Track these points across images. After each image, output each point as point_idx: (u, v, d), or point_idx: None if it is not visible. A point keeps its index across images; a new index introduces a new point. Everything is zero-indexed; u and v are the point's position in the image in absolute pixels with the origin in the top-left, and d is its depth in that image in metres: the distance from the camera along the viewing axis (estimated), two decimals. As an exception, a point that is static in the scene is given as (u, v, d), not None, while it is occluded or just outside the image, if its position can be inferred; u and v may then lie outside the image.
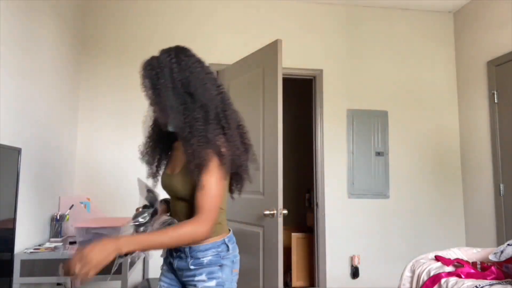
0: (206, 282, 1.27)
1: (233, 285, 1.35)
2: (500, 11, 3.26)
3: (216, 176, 1.22)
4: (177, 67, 1.27)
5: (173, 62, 1.28)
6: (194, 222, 1.19)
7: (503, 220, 3.16)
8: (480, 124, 3.45)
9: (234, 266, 1.36)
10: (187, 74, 1.28)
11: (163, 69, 1.26)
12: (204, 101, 1.26)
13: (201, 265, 1.29)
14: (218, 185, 1.22)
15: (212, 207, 1.21)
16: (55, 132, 2.67)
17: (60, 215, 2.53)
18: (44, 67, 2.47)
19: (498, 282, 1.80)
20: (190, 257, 1.31)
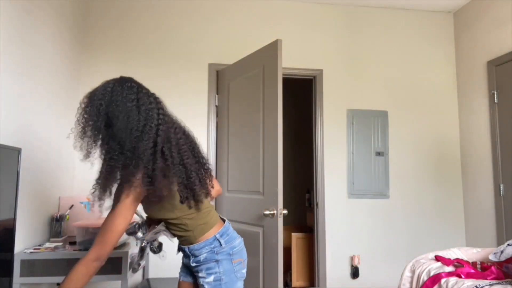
0: (206, 278, 1.40)
1: (238, 275, 1.44)
2: (500, 11, 3.26)
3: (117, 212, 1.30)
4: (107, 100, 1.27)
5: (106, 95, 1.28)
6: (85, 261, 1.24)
7: (503, 220, 3.16)
8: (480, 124, 3.45)
9: (233, 257, 1.44)
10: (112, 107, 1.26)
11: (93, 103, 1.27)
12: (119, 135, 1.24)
13: (199, 262, 1.42)
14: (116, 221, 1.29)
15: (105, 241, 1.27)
16: (55, 132, 2.67)
17: (60, 215, 2.53)
18: (44, 67, 2.47)
19: (498, 282, 1.80)
20: (191, 255, 1.44)
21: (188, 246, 1.45)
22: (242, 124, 2.93)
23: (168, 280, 3.03)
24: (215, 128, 3.35)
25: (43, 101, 2.46)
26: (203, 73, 3.40)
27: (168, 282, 2.99)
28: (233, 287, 1.42)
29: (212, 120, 3.36)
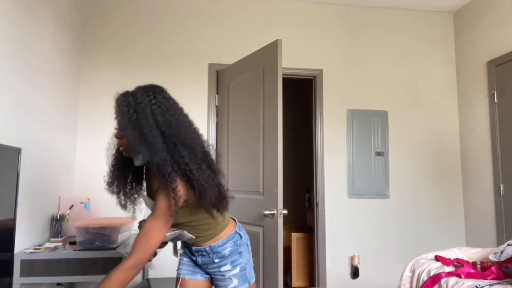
0: (232, 270, 1.49)
1: (252, 263, 1.59)
2: (500, 11, 3.26)
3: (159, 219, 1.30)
4: (157, 108, 1.31)
5: (153, 103, 1.32)
6: (125, 268, 1.24)
7: (503, 220, 3.16)
8: (480, 124, 3.45)
9: (248, 247, 1.60)
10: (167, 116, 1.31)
11: (144, 109, 1.29)
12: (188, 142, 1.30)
13: (224, 257, 1.49)
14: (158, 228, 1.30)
15: (145, 249, 1.28)
16: (55, 132, 2.67)
17: (60, 215, 2.53)
18: (44, 67, 2.47)
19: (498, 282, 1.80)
20: (212, 253, 1.50)
21: (208, 245, 1.49)
22: (242, 124, 2.93)
23: (168, 280, 3.03)
24: (215, 128, 3.35)
25: (43, 101, 2.46)
26: (203, 73, 3.40)
27: (168, 282, 2.99)
28: (252, 273, 1.57)
29: (212, 120, 3.36)
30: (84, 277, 2.10)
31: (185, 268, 1.61)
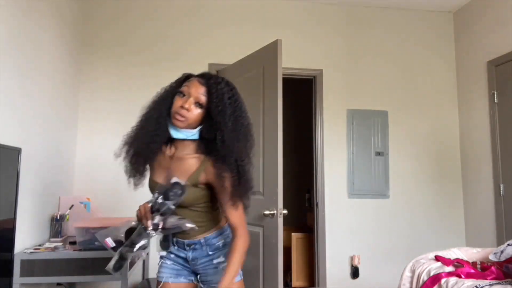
0: (225, 262, 1.43)
1: None
2: (500, 11, 3.26)
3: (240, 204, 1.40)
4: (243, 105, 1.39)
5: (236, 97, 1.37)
6: (242, 239, 1.38)
7: (503, 220, 3.15)
8: (480, 124, 3.45)
9: None
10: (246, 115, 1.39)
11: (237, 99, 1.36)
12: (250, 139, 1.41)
13: (218, 249, 1.47)
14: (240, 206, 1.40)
15: (245, 223, 1.42)
16: (55, 132, 2.67)
17: (60, 215, 2.53)
18: (44, 67, 2.47)
19: (498, 282, 1.80)
20: (207, 245, 1.46)
21: (204, 236, 1.45)
22: (242, 124, 2.92)
23: (168, 280, 3.03)
24: (215, 128, 3.35)
25: (43, 101, 2.46)
26: (203, 73, 3.40)
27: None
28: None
29: (212, 120, 3.35)
30: (84, 277, 2.10)
31: (167, 271, 1.52)
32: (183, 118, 1.32)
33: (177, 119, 1.33)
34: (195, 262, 1.49)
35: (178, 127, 1.35)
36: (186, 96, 1.34)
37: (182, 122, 1.33)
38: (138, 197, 3.45)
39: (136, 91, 3.30)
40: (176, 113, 1.33)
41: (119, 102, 3.28)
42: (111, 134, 3.24)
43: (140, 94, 3.32)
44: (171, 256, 1.53)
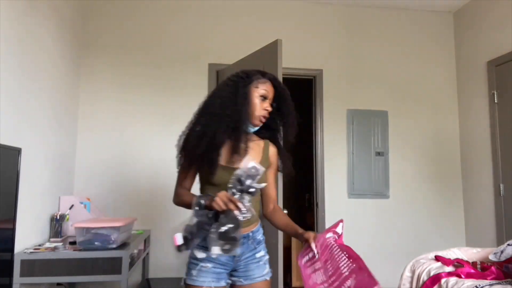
0: (265, 255, 1.53)
1: None
2: (500, 11, 3.26)
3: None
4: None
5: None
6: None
7: (503, 220, 3.15)
8: (480, 124, 3.45)
9: None
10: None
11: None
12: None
13: (260, 243, 1.52)
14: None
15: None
16: (55, 132, 2.67)
17: (60, 215, 2.53)
18: (44, 66, 2.47)
19: (498, 282, 1.80)
20: (252, 239, 1.49)
21: (251, 230, 1.49)
22: (242, 124, 2.92)
23: (168, 280, 3.03)
24: (215, 128, 3.35)
25: (43, 101, 2.46)
26: (203, 73, 3.40)
27: (168, 282, 2.99)
28: None
29: (212, 120, 3.35)
30: (84, 277, 2.10)
31: (209, 275, 1.41)
32: (264, 119, 1.48)
33: (262, 121, 1.48)
34: (239, 258, 1.46)
35: (256, 126, 1.49)
36: (267, 99, 1.48)
37: (263, 122, 1.49)
38: (138, 197, 3.45)
39: (136, 90, 3.30)
40: (262, 116, 1.47)
41: (119, 102, 3.28)
42: (111, 134, 3.25)
43: (140, 94, 3.32)
44: (213, 257, 1.38)
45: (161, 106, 3.32)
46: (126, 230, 2.39)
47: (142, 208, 3.18)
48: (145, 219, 3.15)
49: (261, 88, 1.47)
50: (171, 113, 3.32)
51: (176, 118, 3.31)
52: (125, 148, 3.23)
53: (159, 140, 3.28)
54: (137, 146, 3.26)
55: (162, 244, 3.19)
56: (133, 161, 3.24)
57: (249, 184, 1.23)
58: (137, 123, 3.28)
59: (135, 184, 3.21)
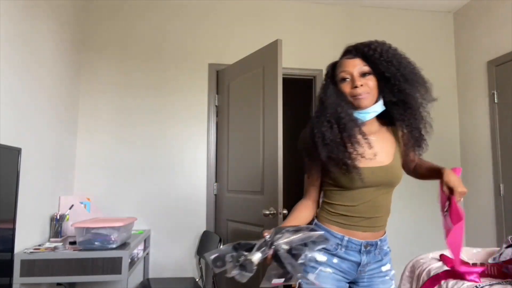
0: (391, 270, 1.34)
1: None
2: (500, 11, 3.26)
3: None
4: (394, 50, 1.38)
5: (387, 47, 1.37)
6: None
7: (503, 220, 3.15)
8: (480, 124, 3.45)
9: None
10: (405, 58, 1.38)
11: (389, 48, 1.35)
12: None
13: (386, 254, 1.34)
14: None
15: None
16: (55, 132, 2.67)
17: (60, 215, 2.53)
18: (44, 66, 2.47)
19: (498, 282, 1.80)
20: (379, 249, 1.31)
21: (381, 236, 1.30)
22: (242, 124, 2.93)
23: (168, 280, 3.03)
24: (215, 128, 3.35)
25: (43, 101, 2.46)
26: (203, 73, 3.40)
27: (168, 282, 2.99)
28: None
29: (212, 120, 3.36)
30: (84, 277, 2.10)
31: (328, 281, 1.24)
32: (363, 95, 1.25)
33: (359, 98, 1.25)
34: (363, 269, 1.28)
35: (365, 107, 1.26)
36: (349, 78, 1.28)
37: (365, 98, 1.25)
38: (138, 197, 3.45)
39: (136, 91, 3.30)
40: (353, 96, 1.26)
41: (119, 102, 3.28)
42: (111, 134, 3.25)
43: (140, 94, 3.32)
44: (333, 261, 1.26)
45: (161, 105, 3.32)
46: (126, 230, 2.39)
47: (142, 208, 3.18)
48: (145, 219, 3.15)
49: (338, 72, 1.32)
50: (171, 112, 3.32)
51: (175, 118, 3.31)
52: (125, 148, 3.23)
53: (159, 140, 3.28)
54: (137, 146, 3.26)
55: (162, 244, 3.19)
56: (133, 161, 3.24)
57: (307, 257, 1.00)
58: (137, 123, 3.28)
59: (135, 184, 3.21)
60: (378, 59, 1.24)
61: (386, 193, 1.32)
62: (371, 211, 1.28)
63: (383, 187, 1.31)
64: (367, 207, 1.28)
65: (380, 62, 1.24)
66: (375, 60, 1.25)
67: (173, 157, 3.28)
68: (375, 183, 1.28)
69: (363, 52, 1.28)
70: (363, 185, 1.25)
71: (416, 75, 1.29)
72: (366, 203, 1.27)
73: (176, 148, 3.29)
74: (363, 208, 1.28)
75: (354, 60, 1.29)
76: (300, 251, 1.00)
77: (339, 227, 1.28)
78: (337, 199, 1.31)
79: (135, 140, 3.27)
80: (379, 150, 1.30)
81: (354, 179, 1.24)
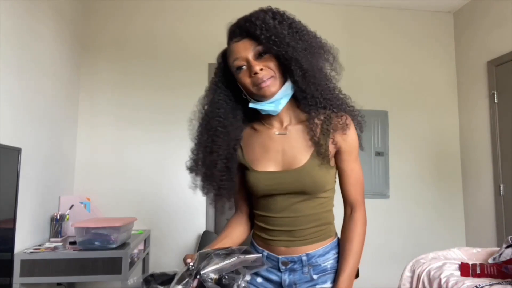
0: None
1: None
2: (500, 11, 3.26)
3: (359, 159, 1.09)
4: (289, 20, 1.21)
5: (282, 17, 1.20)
6: (361, 220, 1.07)
7: (503, 220, 3.15)
8: (480, 124, 3.45)
9: None
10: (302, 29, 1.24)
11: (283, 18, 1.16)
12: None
13: (325, 271, 1.07)
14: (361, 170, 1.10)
15: (363, 196, 1.09)
16: (55, 132, 2.67)
17: (60, 215, 2.53)
18: (44, 66, 2.47)
19: (498, 282, 1.80)
20: (309, 266, 1.07)
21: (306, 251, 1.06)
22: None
23: (168, 280, 3.03)
24: (215, 128, 3.35)
25: (43, 101, 2.46)
26: (203, 73, 3.39)
27: (168, 282, 2.98)
28: None
29: (212, 120, 3.35)
30: (84, 277, 2.10)
31: None
32: (266, 80, 1.02)
33: (262, 86, 1.02)
34: None
35: (272, 94, 1.03)
36: (245, 65, 1.04)
37: (270, 85, 1.02)
38: (138, 197, 3.45)
39: (136, 91, 3.30)
40: (255, 84, 1.03)
41: (119, 102, 3.28)
42: (111, 134, 3.25)
43: (140, 94, 3.32)
44: (258, 281, 1.11)
45: (161, 106, 3.32)
46: (126, 230, 2.39)
47: (142, 208, 3.18)
48: (145, 219, 3.15)
49: (231, 62, 1.07)
50: (171, 112, 3.32)
51: (175, 118, 3.31)
52: (125, 148, 3.23)
53: (158, 140, 3.28)
54: (137, 146, 3.26)
55: (162, 244, 3.19)
56: (133, 161, 3.24)
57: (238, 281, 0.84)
58: (137, 122, 3.28)
59: (135, 184, 3.21)
60: (265, 36, 1.01)
61: (305, 200, 1.06)
62: (289, 222, 1.07)
63: (297, 195, 1.05)
64: (283, 218, 1.07)
65: (267, 38, 1.00)
66: (262, 37, 1.01)
67: (173, 157, 3.28)
68: (282, 190, 1.05)
69: (247, 30, 1.05)
70: (268, 191, 1.06)
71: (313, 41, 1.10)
72: (281, 212, 1.07)
73: (176, 148, 3.29)
74: (279, 219, 1.08)
75: (243, 42, 1.04)
76: (233, 281, 0.82)
77: (260, 241, 1.12)
78: (256, 207, 1.14)
79: (135, 140, 3.27)
80: (289, 149, 1.06)
81: (254, 184, 1.07)
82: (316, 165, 1.03)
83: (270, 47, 1.00)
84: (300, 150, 1.06)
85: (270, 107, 1.05)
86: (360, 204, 1.09)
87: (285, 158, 1.06)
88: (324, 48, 1.15)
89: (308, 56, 1.04)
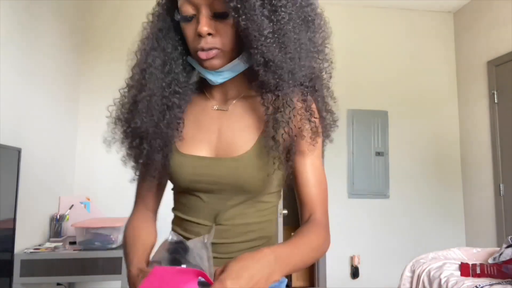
0: None
1: None
2: (500, 11, 3.26)
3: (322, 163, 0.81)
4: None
5: None
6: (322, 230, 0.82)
7: (503, 220, 3.15)
8: (480, 124, 3.45)
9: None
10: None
11: None
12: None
13: None
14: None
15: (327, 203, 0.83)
16: (55, 132, 2.67)
17: (60, 215, 2.53)
18: (44, 66, 2.47)
19: (498, 282, 1.80)
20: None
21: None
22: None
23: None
24: (215, 128, 3.35)
25: (43, 101, 2.46)
26: (203, 73, 3.40)
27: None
28: None
29: (212, 120, 3.35)
30: (84, 277, 2.10)
31: None
32: (213, 51, 0.77)
33: (203, 57, 0.78)
34: None
35: (211, 68, 0.79)
36: (194, 15, 0.78)
37: (213, 57, 0.77)
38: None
39: (136, 91, 3.30)
40: (199, 51, 0.78)
41: (119, 102, 3.28)
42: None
43: (140, 94, 3.32)
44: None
45: (161, 106, 3.32)
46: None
47: (142, 208, 3.18)
48: (145, 219, 3.15)
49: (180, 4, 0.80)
50: (171, 113, 3.32)
51: (176, 118, 3.31)
52: (125, 148, 3.23)
53: (159, 140, 3.28)
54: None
55: (162, 244, 3.19)
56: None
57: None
58: (137, 123, 3.28)
59: (135, 184, 3.21)
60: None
61: (240, 203, 0.82)
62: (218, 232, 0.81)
63: (230, 194, 0.81)
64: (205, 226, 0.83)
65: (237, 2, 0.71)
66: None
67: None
68: (211, 185, 0.81)
69: None
70: (193, 184, 0.82)
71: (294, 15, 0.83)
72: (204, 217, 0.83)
73: (176, 148, 3.29)
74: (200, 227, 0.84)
75: None
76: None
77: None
78: (175, 206, 0.93)
79: (135, 140, 3.27)
80: (227, 130, 0.82)
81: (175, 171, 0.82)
82: (262, 155, 0.78)
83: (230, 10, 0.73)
84: (242, 134, 0.81)
85: (207, 75, 0.81)
86: (323, 211, 0.84)
87: (221, 141, 0.82)
88: (309, 24, 0.87)
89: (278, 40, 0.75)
